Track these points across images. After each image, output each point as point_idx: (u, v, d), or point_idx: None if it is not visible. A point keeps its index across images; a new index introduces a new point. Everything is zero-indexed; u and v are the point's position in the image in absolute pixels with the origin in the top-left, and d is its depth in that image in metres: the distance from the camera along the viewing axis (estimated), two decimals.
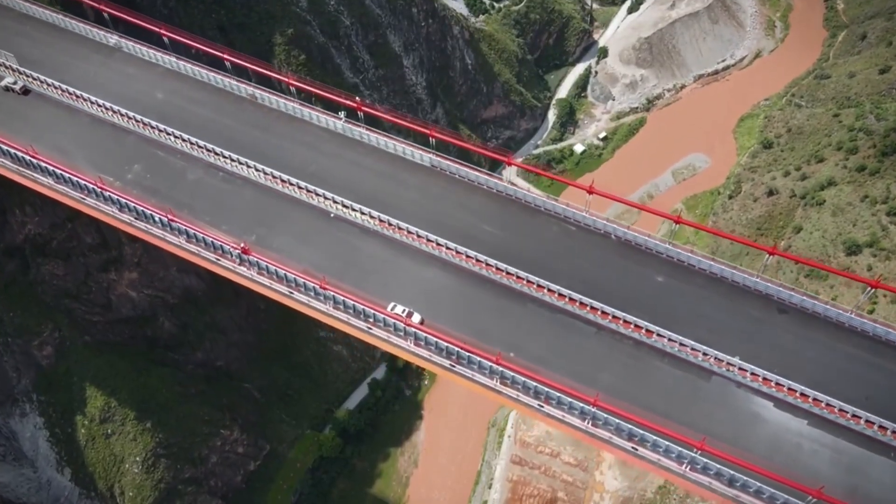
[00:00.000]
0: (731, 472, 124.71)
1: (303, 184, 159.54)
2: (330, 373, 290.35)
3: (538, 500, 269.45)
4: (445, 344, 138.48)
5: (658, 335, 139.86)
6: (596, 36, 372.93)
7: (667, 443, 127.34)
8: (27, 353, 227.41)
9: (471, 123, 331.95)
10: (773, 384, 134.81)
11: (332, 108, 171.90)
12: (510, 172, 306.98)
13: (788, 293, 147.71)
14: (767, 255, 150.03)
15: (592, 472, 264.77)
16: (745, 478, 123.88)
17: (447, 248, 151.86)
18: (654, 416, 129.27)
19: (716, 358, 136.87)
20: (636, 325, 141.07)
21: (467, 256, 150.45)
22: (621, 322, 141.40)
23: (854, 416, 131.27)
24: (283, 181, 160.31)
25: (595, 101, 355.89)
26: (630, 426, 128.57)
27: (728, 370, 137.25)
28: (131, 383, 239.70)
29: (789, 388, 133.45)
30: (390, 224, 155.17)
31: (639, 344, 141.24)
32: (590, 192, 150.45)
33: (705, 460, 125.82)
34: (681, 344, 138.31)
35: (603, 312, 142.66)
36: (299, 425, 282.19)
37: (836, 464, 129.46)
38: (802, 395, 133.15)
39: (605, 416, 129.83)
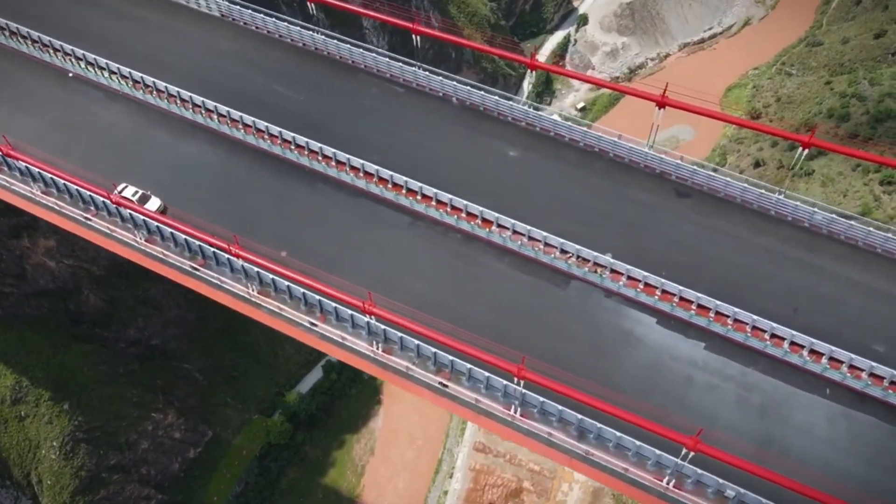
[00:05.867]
0: (580, 417, 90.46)
1: (34, 34, 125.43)
2: (281, 354, 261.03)
3: (502, 489, 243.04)
4: (184, 236, 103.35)
5: (499, 226, 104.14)
6: (576, 3, 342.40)
7: (488, 374, 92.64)
8: None
9: None
10: (657, 292, 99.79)
11: None
12: None
13: (691, 169, 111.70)
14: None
15: None
16: (601, 426, 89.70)
17: (218, 114, 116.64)
18: (482, 338, 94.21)
19: (578, 256, 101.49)
20: (468, 213, 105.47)
21: (244, 125, 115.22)
22: (448, 208, 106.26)
23: (774, 336, 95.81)
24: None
25: (574, 69, 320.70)
26: (439, 351, 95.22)
27: (595, 273, 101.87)
28: (46, 361, 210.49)
29: (681, 298, 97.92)
30: (146, 85, 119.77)
31: (470, 239, 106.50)
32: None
33: (544, 400, 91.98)
34: (529, 237, 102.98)
35: (424, 195, 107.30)
36: (246, 410, 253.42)
37: (744, 405, 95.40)
38: (700, 307, 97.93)
39: (403, 335, 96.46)
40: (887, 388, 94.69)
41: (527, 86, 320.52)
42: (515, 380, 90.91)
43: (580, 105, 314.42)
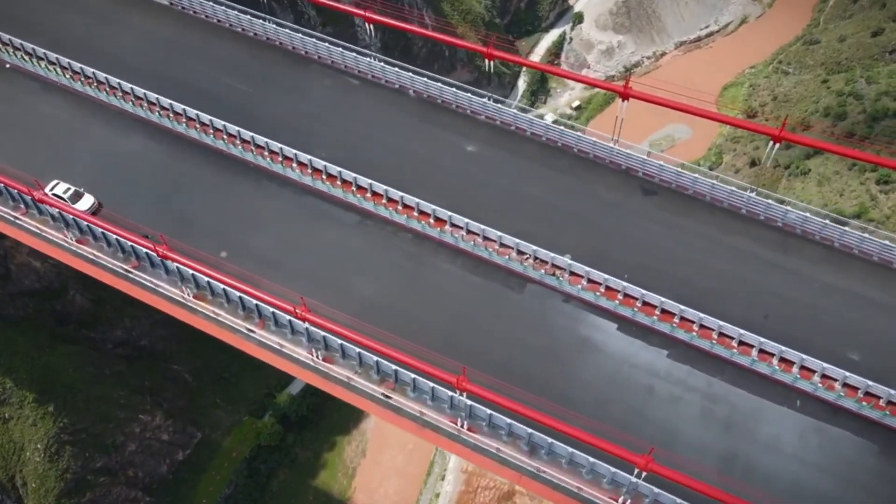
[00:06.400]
0: (530, 431, 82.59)
1: None
2: None
3: (494, 492, 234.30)
4: (115, 237, 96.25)
5: (452, 225, 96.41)
6: (571, 0, 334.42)
7: (433, 385, 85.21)
8: None
9: None
10: (619, 296, 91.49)
11: None
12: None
13: (658, 165, 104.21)
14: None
15: None
16: (553, 441, 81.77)
17: (160, 107, 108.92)
18: (425, 347, 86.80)
19: (535, 258, 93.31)
20: (420, 212, 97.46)
21: (187, 118, 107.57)
22: (399, 206, 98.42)
23: (742, 343, 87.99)
24: None
25: (569, 68, 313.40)
26: (382, 360, 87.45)
27: (553, 276, 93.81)
28: (31, 362, 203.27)
29: (644, 303, 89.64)
30: (85, 76, 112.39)
31: (422, 239, 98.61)
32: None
33: (492, 413, 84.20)
34: (484, 237, 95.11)
35: (374, 193, 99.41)
36: (236, 411, 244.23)
37: (708, 418, 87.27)
38: (664, 312, 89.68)
39: (344, 343, 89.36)
40: (861, 399, 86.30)
41: (522, 84, 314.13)
42: (458, 392, 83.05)
43: (575, 104, 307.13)
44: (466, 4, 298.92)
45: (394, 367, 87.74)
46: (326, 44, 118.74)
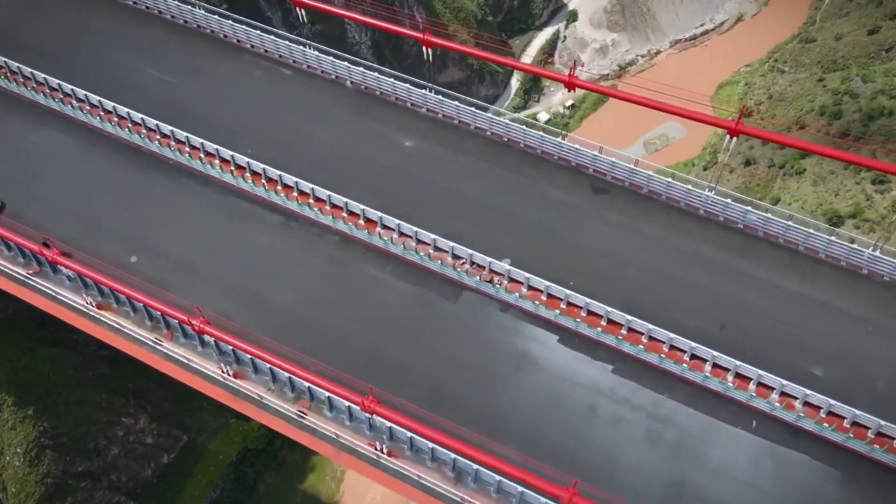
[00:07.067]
0: (453, 456, 73.20)
1: None
2: None
3: None
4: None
5: (383, 226, 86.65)
6: None
7: (350, 404, 75.50)
8: None
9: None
10: (561, 305, 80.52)
11: None
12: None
13: (609, 162, 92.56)
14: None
15: None
16: (479, 467, 72.27)
17: (76, 98, 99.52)
18: (352, 361, 79.23)
19: (472, 262, 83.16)
20: (350, 212, 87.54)
21: (104, 111, 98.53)
22: (326, 206, 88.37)
23: (695, 357, 77.31)
24: None
25: (563, 67, 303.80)
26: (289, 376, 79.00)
27: (491, 283, 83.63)
28: (10, 365, 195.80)
29: (589, 312, 79.25)
30: None
31: (350, 242, 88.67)
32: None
33: (414, 436, 75.15)
34: (417, 240, 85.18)
35: (301, 192, 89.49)
36: (222, 414, 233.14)
37: (655, 441, 76.54)
38: (611, 322, 79.23)
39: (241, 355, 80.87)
40: (823, 420, 75.24)
41: (515, 83, 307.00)
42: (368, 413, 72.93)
43: (569, 103, 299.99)
44: (458, 2, 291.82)
45: (307, 383, 77.61)
46: (258, 31, 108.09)
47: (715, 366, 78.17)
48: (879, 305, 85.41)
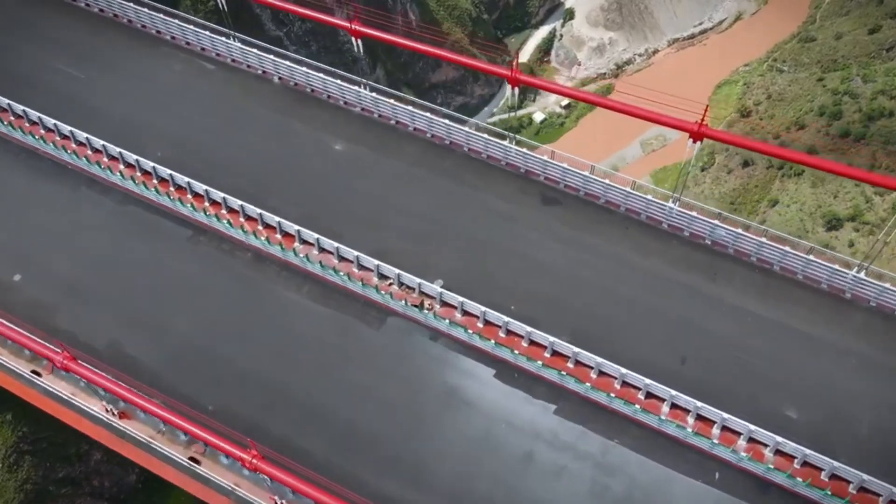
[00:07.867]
0: None
1: None
2: None
3: None
4: None
5: (301, 241, 74.85)
6: None
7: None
8: None
9: (418, 88, 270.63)
10: (500, 333, 69.28)
11: None
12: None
13: (562, 169, 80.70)
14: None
15: None
16: None
17: None
18: (253, 399, 69.38)
19: (400, 283, 71.63)
20: (265, 225, 75.85)
21: None
22: (240, 218, 76.64)
23: (651, 395, 65.65)
24: None
25: (559, 66, 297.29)
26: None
27: (420, 307, 71.82)
28: None
29: (531, 342, 68.02)
30: None
31: (263, 259, 76.53)
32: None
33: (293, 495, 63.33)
34: (339, 257, 73.25)
35: (212, 202, 78.01)
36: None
37: (601, 497, 63.97)
38: (555, 353, 67.79)
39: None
40: (797, 472, 62.11)
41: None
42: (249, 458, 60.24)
43: (564, 102, 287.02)
44: (452, 0, 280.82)
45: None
46: (178, 21, 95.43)
47: (673, 406, 65.25)
48: (864, 335, 72.02)
